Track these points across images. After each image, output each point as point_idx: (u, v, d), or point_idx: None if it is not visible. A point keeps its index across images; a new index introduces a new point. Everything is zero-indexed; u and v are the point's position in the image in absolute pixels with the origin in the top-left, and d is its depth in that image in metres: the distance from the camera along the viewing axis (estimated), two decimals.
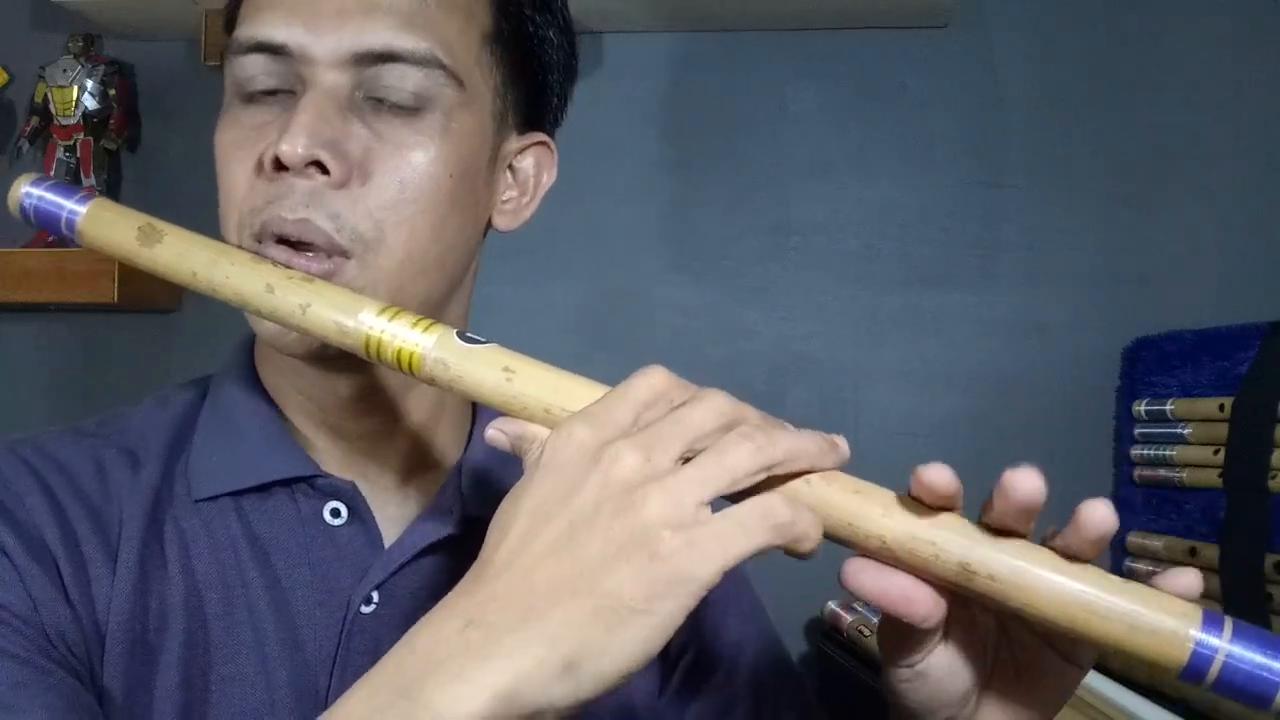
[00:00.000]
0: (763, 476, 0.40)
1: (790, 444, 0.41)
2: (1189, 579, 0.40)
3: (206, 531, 0.58)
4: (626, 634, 0.37)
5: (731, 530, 0.38)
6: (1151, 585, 0.40)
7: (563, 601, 0.37)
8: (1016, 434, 1.31)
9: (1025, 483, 0.39)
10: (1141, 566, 1.22)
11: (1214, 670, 0.37)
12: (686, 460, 0.40)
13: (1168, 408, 1.20)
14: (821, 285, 1.37)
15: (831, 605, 1.23)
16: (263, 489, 0.59)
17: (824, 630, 1.28)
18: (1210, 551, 1.11)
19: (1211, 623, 0.38)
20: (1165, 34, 1.32)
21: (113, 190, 1.45)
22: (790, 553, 0.40)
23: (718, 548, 0.38)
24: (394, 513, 0.62)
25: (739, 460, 0.40)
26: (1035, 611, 0.40)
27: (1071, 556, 0.41)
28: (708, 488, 0.39)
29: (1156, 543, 1.20)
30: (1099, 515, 0.39)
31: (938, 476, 0.40)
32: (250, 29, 0.55)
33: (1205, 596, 1.08)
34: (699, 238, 1.38)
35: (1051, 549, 0.41)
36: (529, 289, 1.38)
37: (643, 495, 0.38)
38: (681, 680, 0.66)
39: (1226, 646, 0.37)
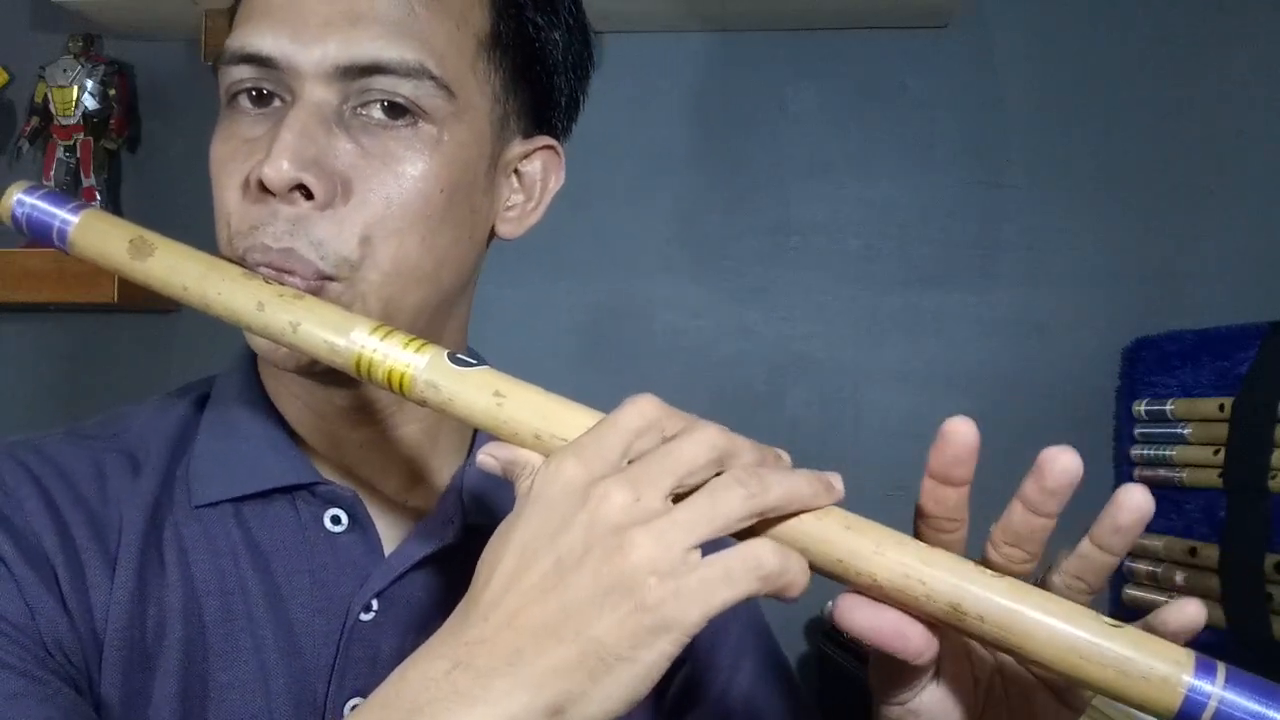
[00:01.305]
0: (753, 522, 0.40)
1: (784, 489, 0.40)
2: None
3: (206, 538, 0.57)
4: (610, 681, 0.37)
5: (718, 578, 0.38)
6: (1154, 613, 0.40)
7: (548, 646, 0.37)
8: (1016, 434, 1.29)
9: (1064, 459, 0.39)
10: (1142, 566, 1.22)
11: (1206, 717, 0.37)
12: (677, 497, 0.40)
13: (1168, 408, 1.20)
14: (821, 285, 1.37)
15: (831, 605, 1.23)
16: (264, 495, 0.58)
17: (824, 630, 1.28)
18: (1210, 551, 1.11)
19: (1204, 669, 0.38)
20: (1165, 34, 1.32)
21: (113, 190, 1.45)
22: (775, 597, 0.40)
23: (703, 596, 0.38)
24: (394, 521, 0.62)
25: (730, 507, 0.39)
26: (1026, 654, 0.39)
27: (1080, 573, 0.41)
28: (696, 533, 0.38)
29: (1156, 543, 1.20)
30: (1135, 500, 0.39)
31: (959, 428, 0.42)
32: (239, 39, 0.54)
33: (1205, 597, 1.09)
34: (699, 238, 1.38)
35: (1046, 589, 0.41)
36: (529, 290, 1.38)
37: (630, 538, 0.38)
38: (679, 692, 0.66)
39: (1219, 693, 0.37)
